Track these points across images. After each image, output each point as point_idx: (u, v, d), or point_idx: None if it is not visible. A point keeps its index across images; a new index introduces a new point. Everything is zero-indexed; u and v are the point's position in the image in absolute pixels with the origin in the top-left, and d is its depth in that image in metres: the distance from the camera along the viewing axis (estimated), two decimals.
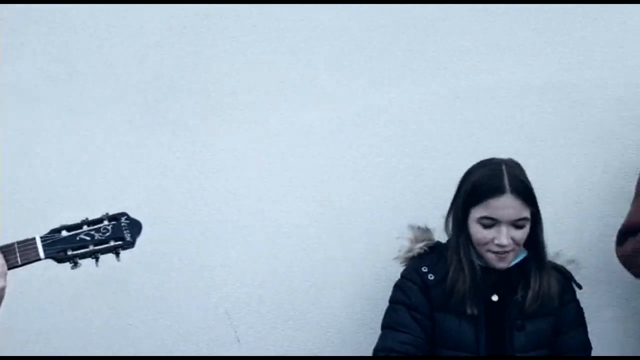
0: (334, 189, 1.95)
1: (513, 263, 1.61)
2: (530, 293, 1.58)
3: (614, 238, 1.76)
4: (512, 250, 1.57)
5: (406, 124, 1.92)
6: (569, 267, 1.69)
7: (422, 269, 1.64)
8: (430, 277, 1.63)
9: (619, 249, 1.68)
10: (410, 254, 1.71)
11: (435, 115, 1.92)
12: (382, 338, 1.65)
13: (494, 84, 1.90)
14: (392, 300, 1.68)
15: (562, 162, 1.90)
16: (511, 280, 1.61)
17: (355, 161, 1.94)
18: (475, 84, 1.90)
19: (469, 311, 1.57)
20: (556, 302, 1.61)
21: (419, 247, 1.70)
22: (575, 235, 1.89)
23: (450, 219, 1.66)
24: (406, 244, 1.73)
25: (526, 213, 1.56)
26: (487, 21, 1.89)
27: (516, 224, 1.55)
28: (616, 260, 1.79)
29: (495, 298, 1.61)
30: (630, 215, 1.68)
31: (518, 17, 1.89)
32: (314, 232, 1.95)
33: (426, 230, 1.74)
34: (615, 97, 1.88)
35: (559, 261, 1.70)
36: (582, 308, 1.67)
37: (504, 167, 1.57)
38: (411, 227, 1.75)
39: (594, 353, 1.68)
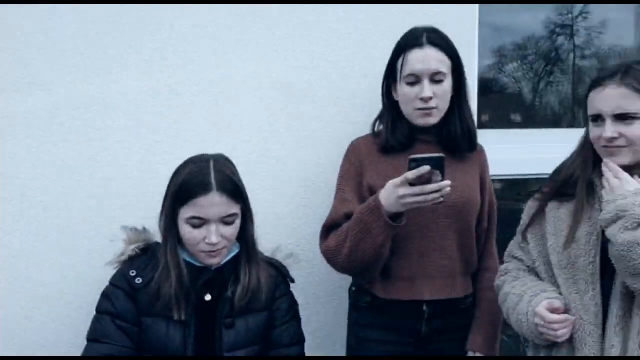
0: (49, 186, 1.78)
1: (227, 259, 1.57)
2: (239, 289, 1.54)
3: None
4: (224, 247, 1.52)
5: (127, 117, 1.81)
6: (287, 262, 1.68)
7: (131, 272, 1.54)
8: (139, 281, 1.53)
9: (323, 244, 1.67)
10: (123, 257, 1.60)
11: (155, 109, 1.82)
12: (85, 352, 1.52)
13: (221, 79, 1.85)
14: (98, 310, 1.55)
15: (283, 158, 1.90)
16: (225, 277, 1.56)
17: (74, 157, 1.78)
18: (197, 78, 1.84)
19: (176, 317, 1.50)
20: (267, 297, 1.58)
21: (131, 249, 1.60)
22: (295, 230, 1.90)
23: (162, 219, 1.57)
24: (122, 246, 1.61)
25: (235, 209, 1.51)
26: (219, 16, 1.84)
27: (225, 221, 1.50)
28: None
29: (208, 297, 1.54)
30: (332, 211, 1.69)
31: (249, 14, 1.86)
32: (32, 238, 1.77)
33: (142, 232, 1.64)
34: (331, 96, 1.93)
35: (278, 256, 1.69)
36: (296, 302, 1.66)
37: (211, 164, 1.51)
38: (124, 228, 1.64)
39: (310, 346, 1.69)
